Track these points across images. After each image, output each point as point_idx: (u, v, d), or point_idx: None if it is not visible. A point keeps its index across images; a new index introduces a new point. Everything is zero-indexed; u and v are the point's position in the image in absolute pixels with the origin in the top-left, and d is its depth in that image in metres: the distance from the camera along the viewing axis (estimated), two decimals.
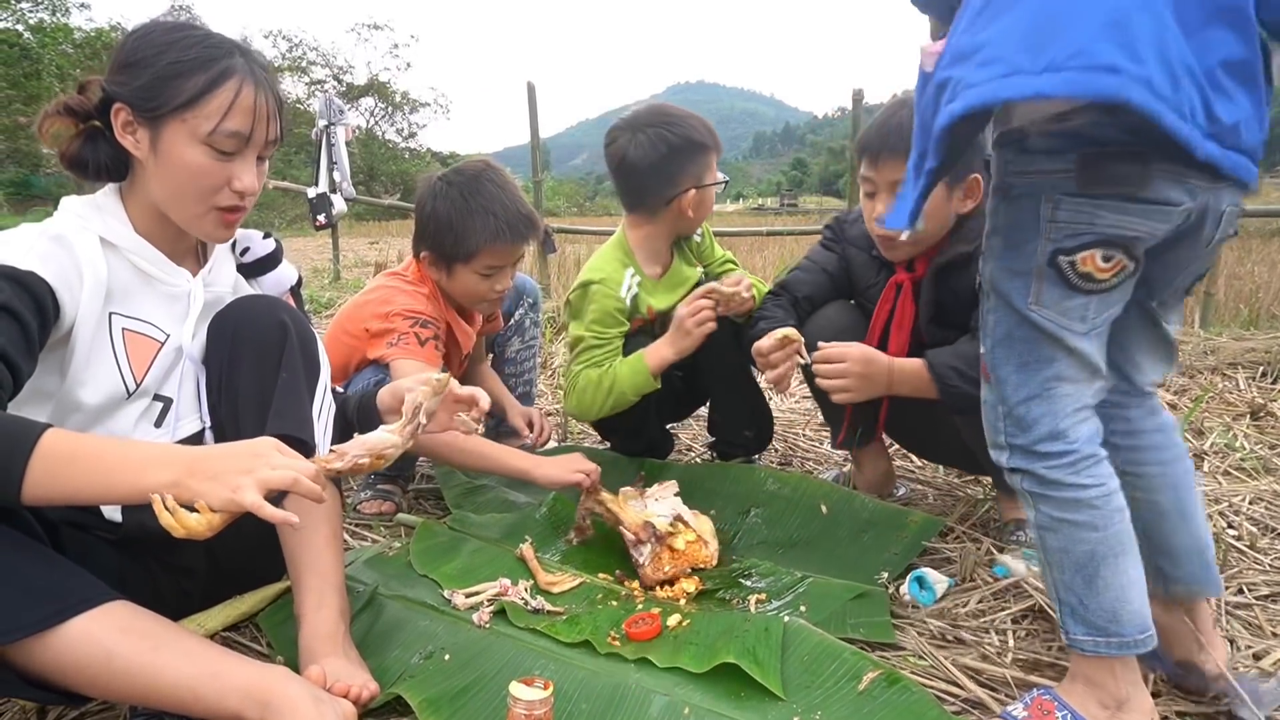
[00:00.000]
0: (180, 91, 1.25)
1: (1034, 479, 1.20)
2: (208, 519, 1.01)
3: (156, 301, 1.36)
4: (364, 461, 1.17)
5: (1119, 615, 1.18)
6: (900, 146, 1.66)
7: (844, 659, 1.33)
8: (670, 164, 2.06)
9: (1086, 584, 1.18)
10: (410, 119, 42.52)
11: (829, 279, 2.01)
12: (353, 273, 9.05)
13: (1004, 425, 1.23)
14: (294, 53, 38.48)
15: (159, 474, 1.03)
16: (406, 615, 1.54)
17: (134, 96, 1.26)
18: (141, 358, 1.33)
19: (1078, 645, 1.21)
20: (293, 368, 1.40)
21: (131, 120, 1.27)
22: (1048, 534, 1.21)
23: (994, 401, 1.25)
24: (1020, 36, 0.98)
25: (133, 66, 1.26)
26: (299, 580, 1.37)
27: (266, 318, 1.42)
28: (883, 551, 1.77)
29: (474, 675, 1.35)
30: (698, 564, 1.74)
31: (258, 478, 1.03)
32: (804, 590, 1.64)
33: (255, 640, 1.51)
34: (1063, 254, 1.11)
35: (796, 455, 2.69)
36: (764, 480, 2.04)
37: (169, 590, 1.42)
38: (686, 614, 1.52)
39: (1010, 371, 1.20)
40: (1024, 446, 1.20)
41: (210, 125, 1.26)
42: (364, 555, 1.80)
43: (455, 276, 2.08)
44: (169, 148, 1.27)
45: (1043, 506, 1.21)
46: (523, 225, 2.03)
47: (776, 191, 79.65)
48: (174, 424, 1.38)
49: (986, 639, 1.52)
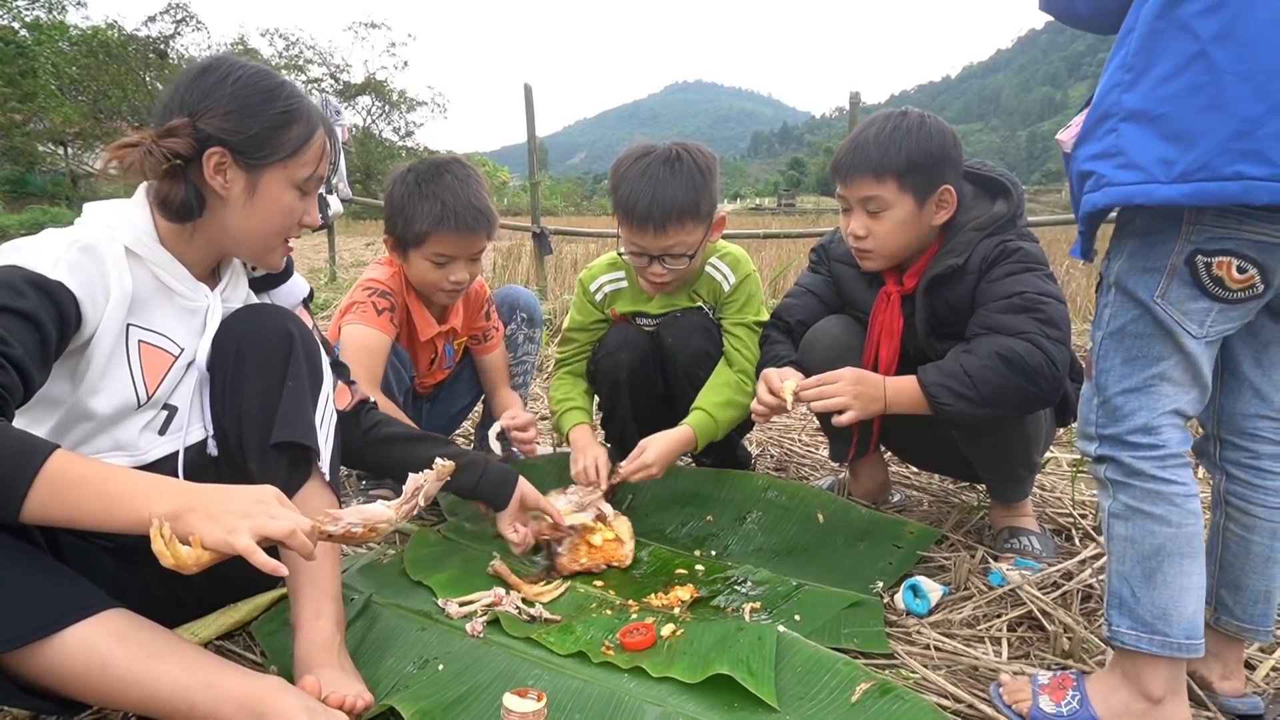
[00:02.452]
0: (287, 141, 1.35)
1: (1119, 467, 1.23)
2: (197, 555, 1.03)
3: (173, 315, 1.37)
4: (357, 530, 1.19)
5: (1169, 615, 1.20)
6: (866, 165, 1.71)
7: (837, 669, 1.34)
8: None
9: (1146, 577, 1.21)
10: (407, 118, 42.55)
11: (819, 302, 2.04)
12: (349, 273, 9.05)
13: (1096, 416, 1.25)
14: (290, 51, 38.46)
15: (160, 504, 1.05)
16: (400, 624, 1.54)
17: (241, 145, 1.31)
18: (155, 370, 1.34)
19: (1118, 638, 1.23)
20: (298, 377, 1.41)
21: (225, 162, 1.31)
22: (1118, 521, 1.24)
23: (1090, 394, 1.27)
24: (1158, 149, 1.09)
25: (237, 114, 1.31)
26: (296, 590, 1.37)
27: (272, 327, 1.43)
28: (878, 561, 1.78)
29: (467, 685, 1.35)
30: (612, 561, 1.82)
31: (255, 524, 1.05)
32: (799, 599, 1.65)
33: (249, 649, 1.51)
34: (1201, 254, 1.13)
35: (792, 461, 2.69)
36: (761, 487, 2.04)
37: (164, 598, 1.42)
38: (681, 623, 1.52)
39: (1116, 363, 1.22)
40: (1115, 436, 1.23)
41: (308, 172, 1.39)
42: (358, 563, 1.80)
43: (410, 262, 2.10)
44: (267, 190, 1.35)
45: (1121, 495, 1.23)
46: (470, 216, 2.02)
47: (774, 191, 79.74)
48: (177, 432, 1.39)
49: (981, 648, 1.52)
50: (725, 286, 2.12)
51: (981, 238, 1.72)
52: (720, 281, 2.12)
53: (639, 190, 1.89)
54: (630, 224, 1.92)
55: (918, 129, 1.71)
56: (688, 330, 2.09)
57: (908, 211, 1.73)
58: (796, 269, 7.33)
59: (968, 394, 1.60)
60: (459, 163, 2.14)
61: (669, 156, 1.91)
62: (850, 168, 1.75)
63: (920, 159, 1.69)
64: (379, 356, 2.04)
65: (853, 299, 1.97)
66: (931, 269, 1.76)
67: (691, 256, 1.98)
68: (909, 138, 1.69)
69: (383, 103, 41.59)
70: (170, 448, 1.39)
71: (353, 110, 39.48)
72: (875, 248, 1.78)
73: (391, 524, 1.22)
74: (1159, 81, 1.08)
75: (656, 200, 1.87)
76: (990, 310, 1.66)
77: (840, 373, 1.70)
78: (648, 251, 1.96)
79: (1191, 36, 1.05)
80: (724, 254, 2.14)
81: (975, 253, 1.71)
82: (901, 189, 1.71)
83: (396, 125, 42.47)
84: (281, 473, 1.37)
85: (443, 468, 1.30)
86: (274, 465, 1.38)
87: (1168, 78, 1.07)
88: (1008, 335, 1.60)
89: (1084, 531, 2.03)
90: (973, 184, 1.81)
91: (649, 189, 1.88)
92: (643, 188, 1.89)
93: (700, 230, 1.96)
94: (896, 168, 1.69)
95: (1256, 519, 1.29)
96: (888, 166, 1.70)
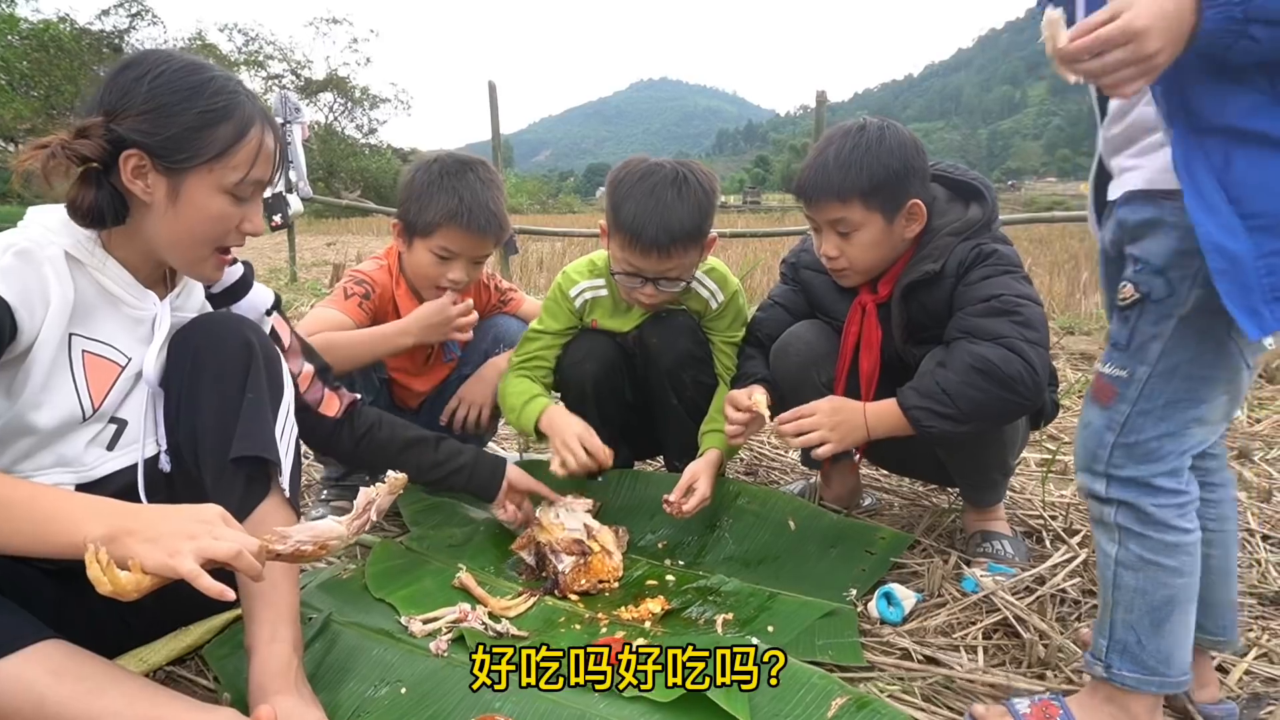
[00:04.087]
0: (211, 144, 1.24)
1: (1135, 514, 1.17)
2: (137, 579, 0.97)
3: (119, 323, 1.30)
4: (307, 549, 1.13)
5: (1172, 659, 1.19)
6: (829, 190, 1.67)
7: (813, 684, 1.31)
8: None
9: (1154, 627, 1.18)
10: (370, 115, 42.10)
11: (789, 315, 2.01)
12: (311, 273, 8.90)
13: (1109, 454, 1.18)
14: (250, 47, 37.86)
15: (96, 526, 0.99)
16: (361, 644, 1.48)
17: (159, 147, 1.21)
18: (101, 381, 1.27)
19: (1119, 680, 1.21)
20: (258, 388, 1.35)
21: (145, 166, 1.22)
22: (1128, 572, 1.19)
23: (1103, 427, 1.18)
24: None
25: (154, 114, 1.21)
26: (251, 612, 1.31)
27: (231, 337, 1.36)
28: (851, 567, 1.75)
29: (430, 710, 1.29)
30: (603, 576, 1.75)
31: (198, 546, 1.00)
32: (772, 609, 1.62)
33: (201, 674, 1.44)
34: None
35: (762, 465, 2.67)
36: (732, 494, 2.01)
37: (111, 624, 1.35)
38: (653, 637, 1.49)
39: (1159, 404, 1.14)
40: (1138, 480, 1.16)
41: (238, 176, 1.26)
42: (317, 579, 1.74)
43: (414, 250, 2.09)
44: (191, 197, 1.25)
45: (1132, 545, 1.18)
46: (484, 218, 2.01)
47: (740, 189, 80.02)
48: (127, 447, 1.32)
49: (956, 658, 1.50)
50: (714, 304, 2.07)
51: (957, 242, 1.69)
52: (708, 299, 2.07)
53: (646, 212, 1.81)
54: (634, 247, 1.84)
55: (878, 145, 1.66)
56: (674, 332, 2.04)
57: (878, 230, 1.69)
58: (763, 267, 7.34)
59: (949, 412, 1.58)
60: (485, 165, 2.13)
61: (675, 178, 1.84)
62: (814, 191, 1.71)
63: (883, 177, 1.65)
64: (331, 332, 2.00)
65: (824, 306, 1.95)
66: (906, 275, 1.73)
67: (687, 281, 1.95)
68: (869, 155, 1.65)
69: (345, 99, 41.08)
70: (119, 463, 1.32)
71: (314, 107, 38.97)
72: (849, 266, 1.75)
73: (343, 540, 1.17)
74: None
75: (664, 225, 1.80)
76: (967, 314, 1.63)
77: (818, 405, 1.67)
78: (644, 274, 1.89)
79: None
80: (710, 270, 2.10)
81: (951, 257, 1.69)
82: (868, 209, 1.67)
83: (359, 122, 42.04)
84: (239, 489, 1.32)
85: (394, 480, 1.25)
86: (231, 481, 1.32)
87: None
88: (985, 339, 1.58)
89: (1054, 534, 2.02)
90: (945, 187, 1.79)
91: (656, 212, 1.80)
92: (649, 210, 1.81)
93: (698, 253, 1.93)
94: (860, 189, 1.65)
95: (1212, 532, 1.27)
96: (851, 189, 1.65)
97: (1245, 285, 0.99)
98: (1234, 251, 0.99)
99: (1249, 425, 2.88)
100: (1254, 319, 0.99)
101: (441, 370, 2.32)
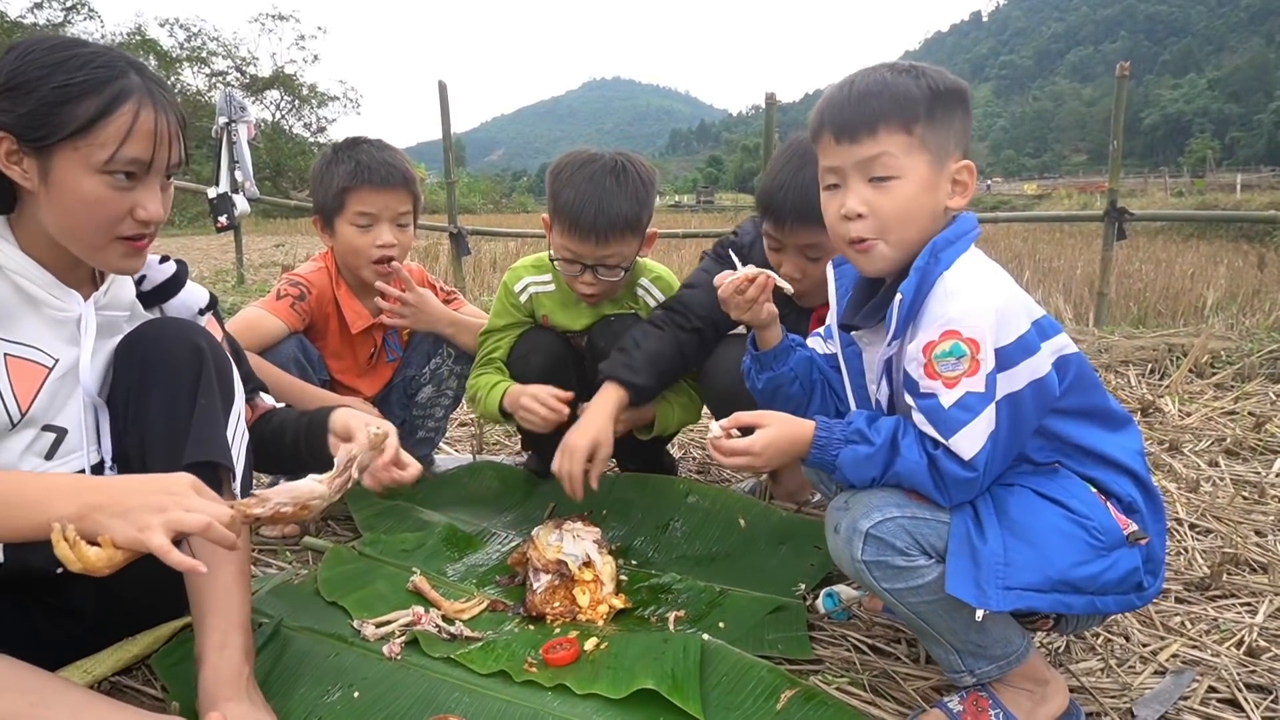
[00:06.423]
0: (70, 119, 1.16)
1: (881, 566, 1.24)
2: (109, 555, 0.95)
3: (43, 324, 1.26)
4: (286, 510, 1.11)
5: (1009, 636, 1.26)
6: (808, 214, 1.64)
7: (762, 677, 1.34)
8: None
9: (980, 630, 1.23)
10: (319, 113, 41.34)
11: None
12: (259, 274, 8.73)
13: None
14: (193, 43, 36.97)
15: (63, 505, 0.97)
16: (314, 649, 1.47)
17: (18, 125, 1.16)
18: (27, 385, 1.23)
19: (987, 677, 1.28)
20: (210, 394, 1.33)
21: (16, 150, 1.17)
22: (931, 612, 1.24)
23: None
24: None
25: (14, 91, 1.16)
26: (201, 619, 1.29)
27: (180, 342, 1.34)
28: (801, 563, 1.79)
29: (384, 713, 1.30)
30: (583, 607, 1.63)
31: (169, 519, 0.98)
32: (723, 606, 1.65)
33: (149, 683, 1.43)
34: None
35: (713, 463, 2.70)
36: (683, 493, 2.03)
37: (54, 636, 1.33)
38: (605, 636, 1.50)
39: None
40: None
41: (106, 154, 1.17)
42: (268, 584, 1.72)
43: (337, 234, 2.12)
44: (61, 179, 1.18)
45: (894, 583, 1.24)
46: (384, 171, 2.08)
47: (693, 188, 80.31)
48: (67, 456, 1.29)
49: (899, 649, 1.55)
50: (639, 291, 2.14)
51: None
52: (652, 305, 2.11)
53: (584, 198, 1.87)
54: (572, 231, 1.89)
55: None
56: (621, 335, 2.06)
57: (816, 276, 1.71)
58: None
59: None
60: (379, 139, 2.19)
61: (614, 167, 1.91)
62: (787, 216, 1.75)
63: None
64: (258, 333, 2.02)
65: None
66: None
67: (625, 269, 1.98)
68: (816, 187, 1.57)
69: (292, 97, 40.29)
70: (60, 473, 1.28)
71: (261, 105, 38.16)
72: (809, 290, 1.77)
73: (325, 500, 1.15)
74: None
75: (601, 210, 1.86)
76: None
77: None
78: (582, 259, 1.94)
79: None
80: (655, 277, 2.15)
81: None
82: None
83: (307, 121, 41.23)
84: None
85: (375, 436, 1.23)
86: None
87: None
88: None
89: None
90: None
91: (594, 198, 1.86)
92: (588, 196, 1.87)
93: (637, 243, 1.97)
94: (817, 219, 1.47)
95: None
96: (814, 216, 1.49)
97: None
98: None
99: (1180, 419, 2.99)
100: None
101: (385, 371, 2.32)
